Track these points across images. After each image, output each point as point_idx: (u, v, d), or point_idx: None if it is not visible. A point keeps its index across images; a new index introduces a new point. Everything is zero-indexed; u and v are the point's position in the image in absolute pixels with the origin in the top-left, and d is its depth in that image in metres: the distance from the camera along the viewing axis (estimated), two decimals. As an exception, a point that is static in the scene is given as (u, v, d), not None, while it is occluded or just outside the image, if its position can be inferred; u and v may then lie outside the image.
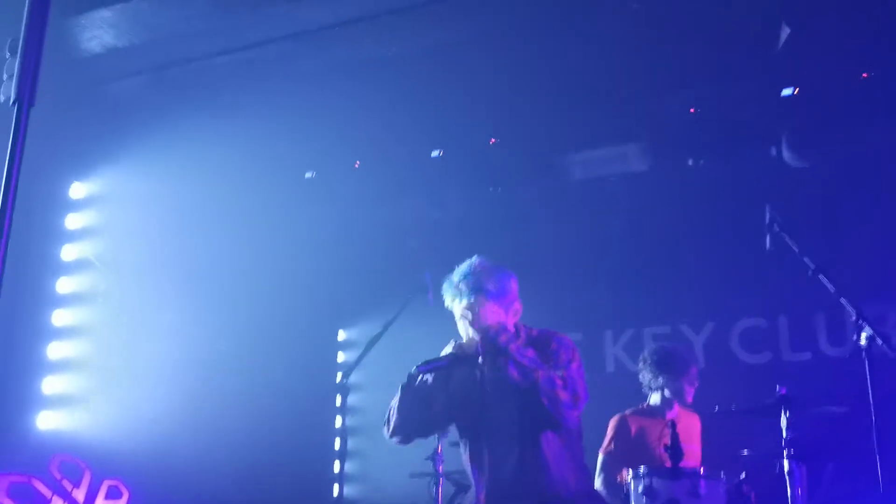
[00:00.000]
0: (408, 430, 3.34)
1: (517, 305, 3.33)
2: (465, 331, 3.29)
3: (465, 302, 3.26)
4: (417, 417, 3.32)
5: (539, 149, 6.04)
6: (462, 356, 3.26)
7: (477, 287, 3.24)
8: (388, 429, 3.35)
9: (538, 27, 5.03)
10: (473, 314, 3.23)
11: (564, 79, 5.33)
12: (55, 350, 5.38)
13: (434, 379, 3.30)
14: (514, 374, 3.15)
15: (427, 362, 3.26)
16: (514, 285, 3.33)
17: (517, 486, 3.03)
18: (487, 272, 3.28)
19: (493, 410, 3.24)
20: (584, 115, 5.76)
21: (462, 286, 3.26)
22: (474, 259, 3.35)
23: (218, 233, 5.95)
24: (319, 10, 4.90)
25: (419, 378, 3.31)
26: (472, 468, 3.30)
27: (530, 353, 3.13)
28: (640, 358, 4.75)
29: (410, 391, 3.30)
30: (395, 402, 3.34)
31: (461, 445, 3.39)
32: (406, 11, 4.88)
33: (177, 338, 5.72)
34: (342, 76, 5.39)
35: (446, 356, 3.27)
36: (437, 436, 4.58)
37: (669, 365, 4.55)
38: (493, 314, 3.23)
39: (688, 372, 4.55)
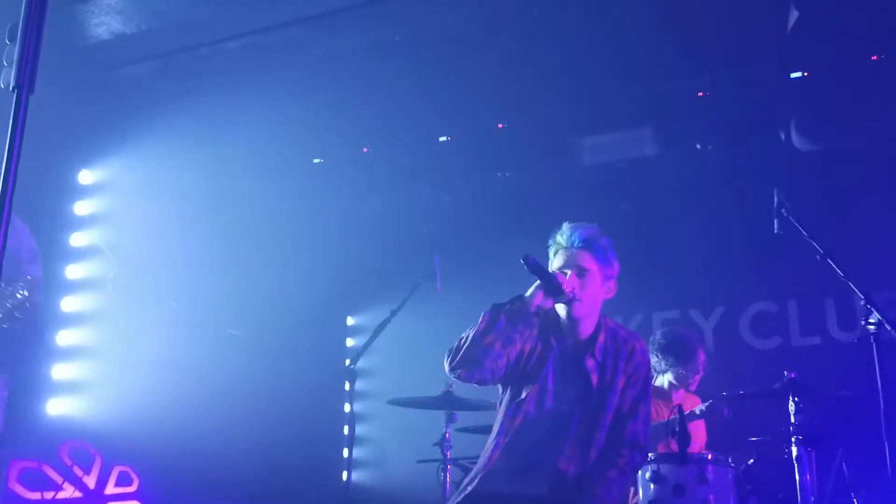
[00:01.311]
0: (479, 364, 3.01)
1: (613, 284, 3.23)
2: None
3: (569, 251, 3.15)
4: (497, 353, 3.03)
5: (548, 133, 6.02)
6: (556, 291, 3.05)
7: (586, 240, 3.15)
8: (455, 360, 3.03)
9: (547, 11, 4.99)
10: (573, 265, 3.11)
11: (573, 63, 5.30)
12: (65, 337, 5.42)
13: (522, 311, 3.05)
14: (593, 376, 3.15)
15: (538, 262, 3.02)
16: (617, 265, 3.24)
17: (538, 468, 3.02)
18: (599, 233, 3.22)
19: (558, 385, 3.15)
20: (593, 99, 5.73)
21: (573, 235, 3.16)
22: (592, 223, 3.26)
23: (226, 219, 5.96)
24: (327, -6, 4.88)
25: (510, 303, 3.06)
26: (501, 424, 3.19)
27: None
28: (650, 340, 4.75)
29: (497, 319, 3.02)
30: (470, 332, 3.05)
31: (502, 401, 3.24)
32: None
33: (187, 324, 5.74)
34: (350, 61, 5.38)
35: (552, 276, 3.04)
36: (444, 421, 4.60)
37: (677, 351, 4.54)
38: (593, 276, 3.14)
39: (695, 359, 4.54)
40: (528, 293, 3.07)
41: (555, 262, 3.20)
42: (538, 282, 3.07)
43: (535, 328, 3.17)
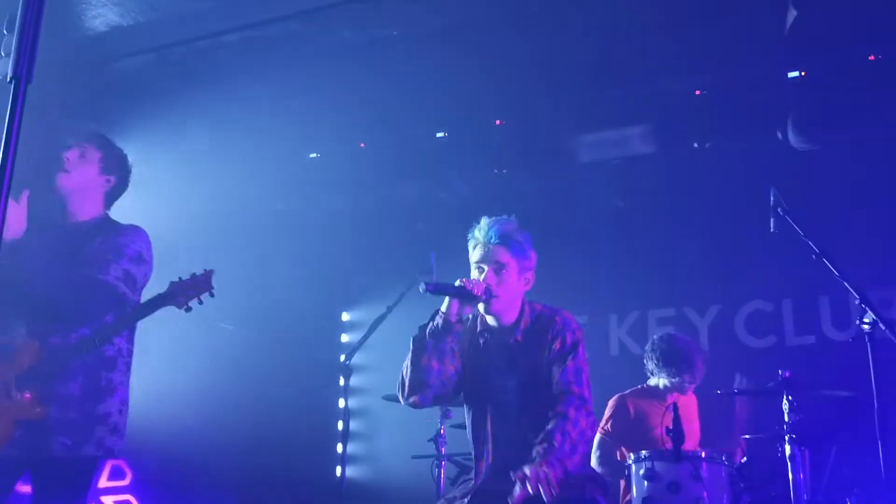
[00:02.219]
0: (426, 386, 3.14)
1: (531, 276, 3.28)
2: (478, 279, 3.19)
3: (486, 247, 3.19)
4: (437, 370, 3.13)
5: (545, 131, 6.02)
6: (468, 298, 3.11)
7: (503, 235, 3.19)
8: (404, 391, 3.19)
9: (544, 8, 4.99)
10: (490, 260, 3.17)
11: (570, 61, 5.30)
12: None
13: (444, 326, 3.13)
14: (520, 360, 3.16)
15: (437, 283, 3.10)
16: (534, 256, 3.29)
17: (518, 462, 3.02)
18: (516, 228, 3.25)
19: (496, 380, 3.21)
20: (590, 97, 5.74)
21: (490, 231, 3.20)
22: (507, 216, 3.30)
23: (221, 213, 5.94)
24: (324, -10, 4.87)
25: (431, 320, 3.16)
26: (473, 440, 3.26)
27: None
28: (649, 344, 4.75)
29: (424, 340, 3.14)
30: (407, 361, 3.19)
31: (465, 413, 3.33)
32: (411, -9, 4.85)
33: (180, 319, 5.72)
34: (347, 57, 5.37)
35: (456, 286, 3.11)
36: (439, 417, 4.61)
37: (677, 362, 4.55)
38: (509, 270, 3.18)
39: (693, 369, 4.55)
40: (444, 307, 3.15)
41: (473, 256, 3.27)
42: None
43: (463, 334, 3.24)
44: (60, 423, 2.94)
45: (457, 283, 3.12)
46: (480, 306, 3.23)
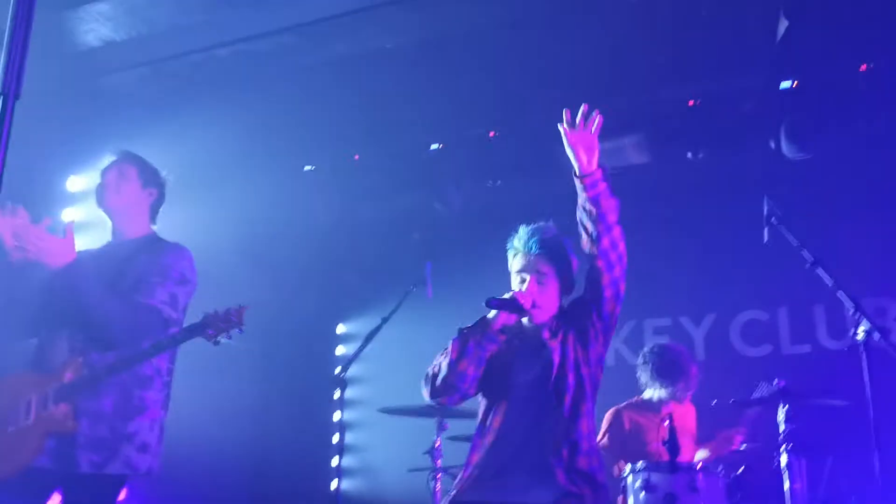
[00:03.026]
0: (456, 389, 3.07)
1: (572, 283, 3.22)
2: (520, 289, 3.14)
3: (528, 256, 3.14)
4: (472, 376, 3.08)
5: (539, 141, 6.02)
6: (519, 310, 3.07)
7: (545, 246, 3.15)
8: (434, 389, 3.09)
9: (537, 19, 5.01)
10: (532, 270, 3.11)
11: (563, 71, 5.31)
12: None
13: (490, 336, 3.08)
14: (555, 358, 3.10)
15: (496, 298, 3.04)
16: (576, 261, 3.22)
17: (515, 460, 2.99)
18: (558, 236, 3.21)
19: (519, 375, 3.14)
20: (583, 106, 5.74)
21: (530, 240, 3.16)
22: (548, 222, 3.26)
23: (217, 226, 5.93)
24: (317, 2, 4.88)
25: (477, 327, 3.08)
26: (477, 430, 3.19)
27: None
28: (640, 356, 4.75)
29: (467, 346, 3.05)
30: (442, 360, 3.10)
31: (479, 405, 3.25)
32: (403, 3, 4.86)
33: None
34: (341, 69, 5.37)
35: (510, 299, 3.06)
36: (435, 429, 4.59)
37: (671, 373, 4.54)
38: (551, 280, 3.13)
39: (687, 377, 4.55)
40: (491, 315, 3.10)
41: (513, 266, 3.21)
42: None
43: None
44: (89, 439, 2.95)
45: (507, 295, 3.08)
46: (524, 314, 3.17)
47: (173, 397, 5.42)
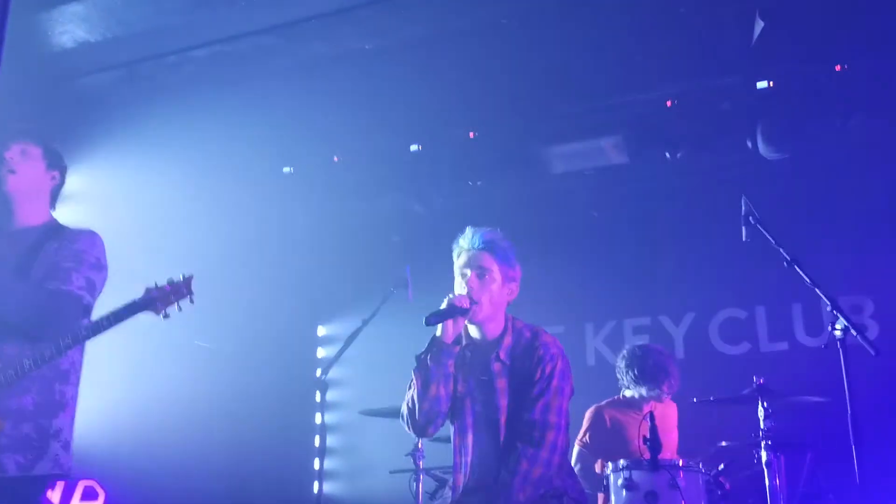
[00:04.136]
0: (439, 414, 3.15)
1: (515, 287, 3.27)
2: (461, 289, 3.20)
3: (470, 252, 3.20)
4: (445, 395, 3.14)
5: (518, 142, 6.04)
6: (458, 312, 3.11)
7: (489, 243, 3.21)
8: (417, 426, 3.16)
9: (516, 21, 5.02)
10: (474, 265, 3.17)
11: (542, 72, 5.33)
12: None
13: (444, 350, 3.13)
14: (498, 381, 3.16)
15: (433, 314, 3.08)
16: (518, 268, 3.29)
17: (495, 478, 3.01)
18: (502, 238, 3.27)
19: (480, 395, 3.20)
20: (563, 108, 5.77)
21: (475, 238, 3.22)
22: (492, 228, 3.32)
23: (195, 229, 5.88)
24: (296, 3, 4.85)
25: (429, 349, 3.14)
26: (454, 451, 3.25)
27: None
28: (620, 358, 4.74)
29: (428, 369, 3.12)
30: (412, 394, 3.16)
31: (450, 425, 3.31)
32: (383, 4, 4.85)
33: (153, 336, 5.65)
34: (320, 70, 5.36)
35: (447, 307, 3.10)
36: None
37: (655, 377, 4.55)
38: (493, 276, 3.18)
39: (670, 378, 4.57)
40: (439, 332, 3.15)
41: (457, 263, 3.27)
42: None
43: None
44: (13, 440, 2.78)
45: (443, 304, 3.11)
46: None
47: (151, 403, 5.38)
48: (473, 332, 3.27)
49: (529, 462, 3.02)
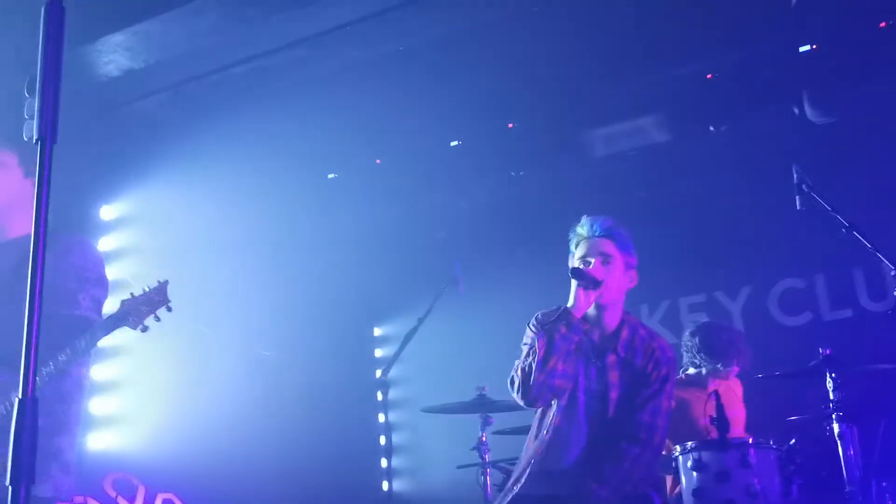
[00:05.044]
0: (549, 388, 3.10)
1: (634, 274, 3.29)
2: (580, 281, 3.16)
3: (591, 240, 3.21)
4: (562, 371, 3.10)
5: (557, 129, 6.01)
6: (590, 281, 3.09)
7: (609, 229, 3.22)
8: (528, 394, 3.10)
9: (545, 6, 4.99)
10: (596, 252, 3.18)
11: (577, 55, 5.28)
12: (99, 372, 5.48)
13: (573, 324, 3.10)
14: (612, 373, 3.18)
15: (575, 267, 3.10)
16: (636, 255, 3.30)
17: (587, 466, 3.04)
18: (620, 225, 3.29)
19: (587, 384, 3.20)
20: (600, 90, 5.72)
21: (594, 225, 3.23)
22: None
23: (248, 242, 6.00)
24: (328, 12, 4.90)
25: (558, 319, 3.07)
26: (544, 428, 3.24)
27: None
28: (688, 338, 4.68)
29: (553, 340, 3.06)
30: (528, 362, 3.10)
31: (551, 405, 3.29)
32: (412, 5, 4.87)
33: (216, 348, 5.79)
34: (355, 75, 5.40)
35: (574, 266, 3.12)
36: (480, 425, 4.61)
37: (725, 352, 4.50)
38: (616, 263, 3.19)
39: (741, 355, 4.51)
40: (571, 302, 3.11)
41: (577, 253, 3.26)
42: (574, 285, 3.10)
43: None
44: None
45: (576, 264, 3.11)
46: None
47: (217, 414, 5.52)
48: (594, 320, 3.25)
49: (632, 462, 3.06)
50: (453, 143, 6.17)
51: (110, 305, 2.93)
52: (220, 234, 5.82)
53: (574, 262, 3.26)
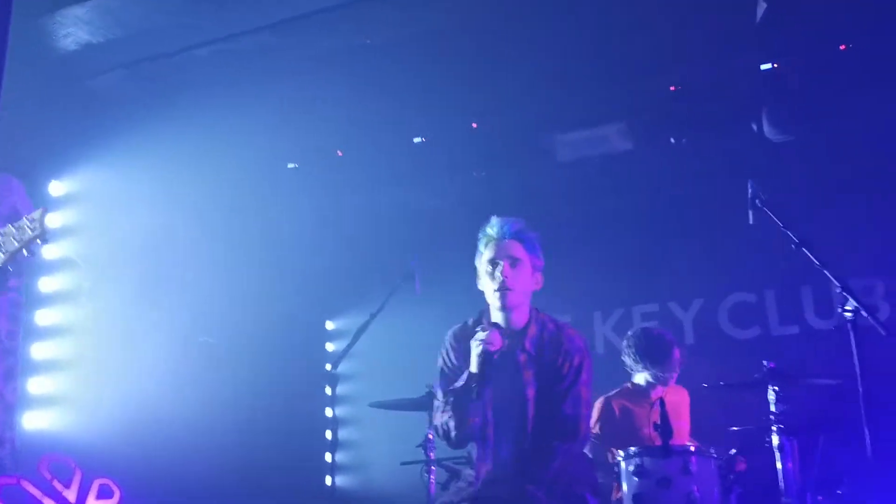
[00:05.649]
0: (472, 435, 3.30)
1: (540, 277, 3.34)
2: (488, 283, 3.26)
3: (501, 242, 3.25)
4: (480, 420, 3.28)
5: (522, 132, 6.02)
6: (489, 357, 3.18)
7: (518, 232, 3.27)
8: (448, 444, 3.33)
9: (517, 11, 4.99)
10: (505, 254, 3.22)
11: (544, 61, 5.30)
12: (39, 350, 5.33)
13: (480, 381, 3.19)
14: (525, 372, 3.20)
15: (464, 385, 3.22)
16: (542, 258, 3.35)
17: (518, 469, 3.04)
18: (529, 228, 3.34)
19: (507, 385, 3.23)
20: (565, 96, 5.74)
21: (504, 227, 3.27)
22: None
23: (201, 227, 5.90)
24: (296, 0, 4.85)
25: (467, 383, 3.21)
26: (476, 441, 3.29)
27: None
28: (624, 342, 4.76)
29: (465, 405, 3.22)
30: (448, 421, 3.26)
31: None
32: (381, -1, 4.84)
33: (163, 333, 5.68)
34: (322, 66, 5.34)
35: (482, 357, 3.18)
36: (427, 423, 4.58)
37: (653, 355, 4.56)
38: (524, 266, 3.24)
39: (670, 359, 4.57)
40: (473, 367, 3.17)
41: (486, 254, 3.31)
42: (476, 350, 3.18)
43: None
44: None
45: (476, 348, 3.13)
46: (495, 298, 3.25)
47: (162, 402, 5.41)
48: (500, 320, 3.29)
49: (563, 457, 3.10)
50: (416, 140, 6.14)
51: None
52: (173, 218, 5.72)
53: (483, 264, 3.28)
